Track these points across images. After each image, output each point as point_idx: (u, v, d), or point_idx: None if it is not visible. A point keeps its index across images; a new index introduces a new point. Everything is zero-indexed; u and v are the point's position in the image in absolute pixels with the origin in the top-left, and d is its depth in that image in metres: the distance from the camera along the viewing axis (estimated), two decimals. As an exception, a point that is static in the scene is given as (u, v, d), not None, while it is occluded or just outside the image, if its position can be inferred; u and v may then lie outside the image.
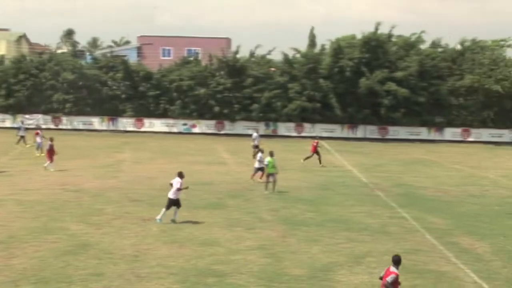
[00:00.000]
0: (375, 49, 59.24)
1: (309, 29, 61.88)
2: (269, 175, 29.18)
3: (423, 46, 62.06)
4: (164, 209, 22.56)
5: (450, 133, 59.57)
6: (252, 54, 62.28)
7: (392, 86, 57.13)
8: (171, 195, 22.57)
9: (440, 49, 62.57)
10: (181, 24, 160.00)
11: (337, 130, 59.27)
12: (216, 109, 58.49)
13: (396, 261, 14.15)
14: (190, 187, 24.36)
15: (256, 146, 40.98)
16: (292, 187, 30.73)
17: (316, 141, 40.54)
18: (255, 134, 43.94)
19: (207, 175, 33.76)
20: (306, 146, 49.08)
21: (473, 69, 59.68)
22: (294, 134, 58.94)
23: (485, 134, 59.49)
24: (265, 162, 29.70)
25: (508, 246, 20.77)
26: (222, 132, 59.15)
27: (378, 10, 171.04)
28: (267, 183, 29.22)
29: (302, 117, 58.99)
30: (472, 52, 61.63)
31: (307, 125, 59.26)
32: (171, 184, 22.68)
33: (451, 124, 59.74)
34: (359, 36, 60.66)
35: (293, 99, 58.63)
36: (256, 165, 31.74)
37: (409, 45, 61.22)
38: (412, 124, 59.19)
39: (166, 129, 59.31)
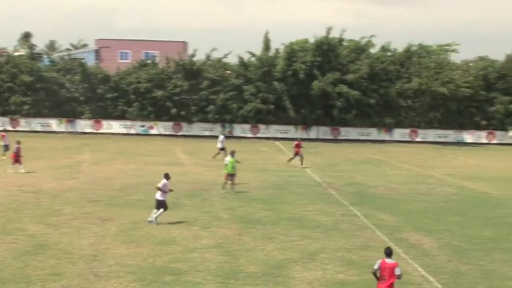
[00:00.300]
0: (327, 53, 59.79)
1: (264, 33, 62.00)
2: (228, 175, 29.15)
3: (373, 50, 62.88)
4: (154, 210, 22.41)
5: (399, 133, 60.50)
6: (208, 57, 62.22)
7: (343, 88, 57.78)
8: (158, 196, 22.40)
9: (389, 53, 63.51)
10: (139, 27, 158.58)
11: (291, 131, 59.59)
12: (173, 111, 58.23)
13: (389, 253, 13.87)
14: (147, 187, 24.22)
15: (222, 149, 40.94)
16: (248, 186, 30.79)
17: (297, 142, 40.59)
18: (221, 136, 43.78)
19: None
20: (261, 146, 49.34)
21: (420, 72, 60.73)
22: (250, 135, 59.13)
23: (432, 134, 60.65)
24: (225, 162, 29.66)
25: (453, 241, 21.17)
26: (179, 133, 58.93)
27: (330, 14, 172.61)
28: (225, 183, 29.21)
29: (257, 118, 59.17)
30: (419, 56, 62.74)
31: (262, 126, 59.50)
32: (159, 188, 22.46)
33: (399, 125, 60.66)
34: (311, 40, 61.20)
35: (248, 101, 58.78)
36: None
37: (360, 49, 61.95)
38: (363, 125, 59.96)
39: (124, 130, 58.81)
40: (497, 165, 44.43)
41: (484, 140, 61.29)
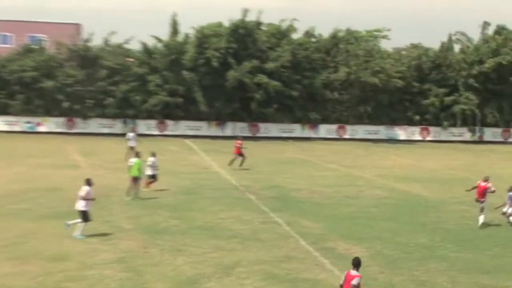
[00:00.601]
0: (244, 38, 60.00)
1: (171, 15, 61.54)
2: (133, 178, 28.83)
3: (295, 35, 63.49)
4: (79, 222, 21.96)
5: (325, 130, 61.50)
6: (106, 43, 61.39)
7: (263, 78, 58.09)
8: (79, 206, 21.92)
9: (313, 39, 64.31)
10: (23, 5, 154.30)
11: (203, 128, 59.64)
12: (66, 104, 57.15)
13: (356, 264, 14.34)
14: (35, 194, 23.67)
15: (132, 148, 40.47)
16: (154, 191, 30.57)
17: (239, 141, 40.54)
18: (130, 134, 43.17)
19: (55, 180, 32.89)
20: (169, 145, 49.06)
21: (348, 61, 61.89)
22: (156, 132, 58.74)
23: (361, 131, 61.99)
24: (130, 163, 29.32)
25: (385, 250, 21.66)
26: (73, 131, 57.93)
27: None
28: (130, 188, 28.90)
29: (164, 113, 58.84)
30: (346, 43, 63.85)
31: (170, 123, 59.24)
32: (82, 197, 21.97)
33: (325, 120, 61.63)
34: (226, 23, 61.22)
35: (154, 93, 58.39)
36: (149, 171, 31.21)
37: (281, 34, 62.43)
38: (284, 120, 60.57)
39: (6, 128, 57.29)
40: (432, 165, 45.83)
41: (417, 137, 63.17)
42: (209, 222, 24.91)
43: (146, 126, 58.83)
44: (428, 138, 63.05)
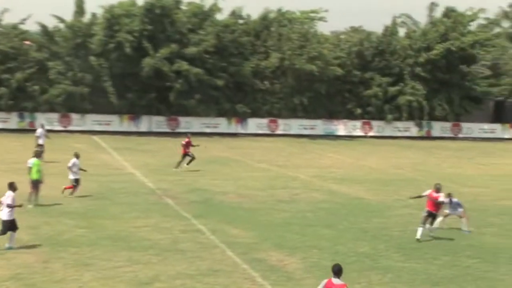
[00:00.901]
0: (161, 19, 59.69)
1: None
2: (33, 182, 28.29)
3: (220, 16, 63.59)
4: (9, 233, 21.56)
5: (255, 124, 61.66)
6: (-2, 23, 60.21)
7: (183, 65, 57.88)
8: (3, 216, 21.39)
9: (241, 21, 64.32)
10: None
11: (115, 123, 59.12)
12: None
13: (338, 271, 14.59)
14: None
15: (41, 145, 39.77)
16: (56, 196, 30.09)
17: (186, 139, 40.27)
18: (39, 130, 42.42)
19: None
20: (74, 143, 48.39)
21: (281, 45, 62.11)
22: (59, 127, 57.79)
23: (295, 125, 62.38)
24: (28, 164, 28.77)
25: (323, 261, 21.80)
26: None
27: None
28: (30, 194, 28.37)
29: (68, 105, 58.00)
30: (278, 25, 64.08)
31: (75, 116, 58.51)
32: (8, 205, 21.46)
33: (255, 113, 61.75)
34: (140, 2, 60.83)
35: (55, 83, 57.49)
36: (70, 175, 30.75)
37: (203, 15, 62.32)
38: (209, 114, 60.41)
39: None
40: (375, 163, 46.47)
41: (359, 132, 64.07)
42: (121, 231, 24.67)
43: (47, 120, 57.30)
44: (371, 134, 63.98)
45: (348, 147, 55.76)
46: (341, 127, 63.91)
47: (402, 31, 68.88)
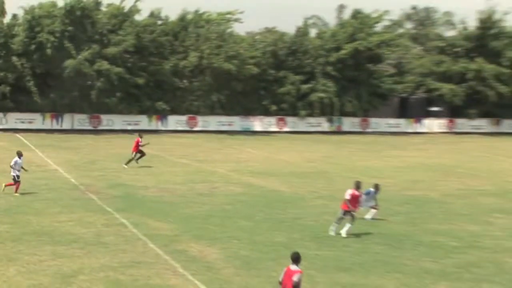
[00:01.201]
0: (81, 20, 58.97)
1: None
2: None
3: (139, 17, 63.16)
4: None
5: (174, 121, 61.50)
6: None
7: (104, 65, 57.41)
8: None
9: (160, 22, 64.05)
10: None
11: (37, 121, 58.19)
12: None
13: (296, 259, 14.79)
14: None
15: None
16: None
17: (138, 139, 39.91)
18: None
19: None
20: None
21: (199, 45, 62.09)
22: (-19, 126, 56.55)
23: (214, 122, 62.49)
24: None
25: (241, 251, 21.89)
26: None
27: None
28: None
29: (-9, 104, 56.96)
30: (196, 26, 64.01)
31: (-3, 114, 57.32)
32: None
33: (175, 111, 61.63)
34: (61, 3, 59.94)
35: (-24, 82, 56.27)
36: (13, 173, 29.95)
37: (123, 15, 61.87)
38: (130, 111, 60.00)
39: None
40: (289, 157, 46.81)
41: (274, 128, 64.46)
42: (45, 227, 24.23)
43: (-32, 119, 56.49)
44: (285, 129, 64.45)
45: (264, 142, 56.00)
46: (257, 123, 64.20)
47: (313, 32, 69.56)
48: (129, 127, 59.72)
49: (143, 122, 60.80)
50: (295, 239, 23.66)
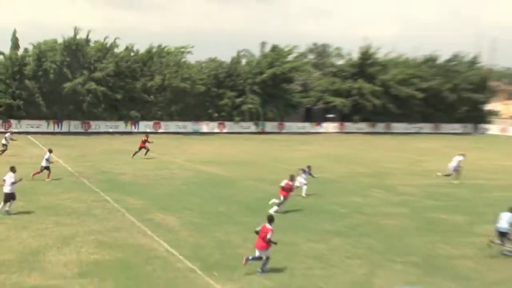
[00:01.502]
0: (75, 53, 58.11)
1: (12, 32, 58.19)
2: None
3: (118, 50, 62.34)
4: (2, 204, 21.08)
5: (144, 125, 60.84)
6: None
7: (92, 85, 56.89)
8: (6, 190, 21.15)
9: (132, 53, 63.46)
10: None
11: (43, 126, 56.99)
12: None
13: (270, 220, 15.79)
14: None
15: (5, 145, 37.84)
16: None
17: (145, 137, 39.88)
18: (7, 134, 40.22)
19: None
20: (14, 141, 46.10)
21: (162, 70, 61.72)
22: (1, 130, 54.89)
23: (173, 126, 62.07)
24: None
25: (194, 219, 21.91)
26: None
27: (78, 17, 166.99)
28: None
29: (9, 114, 55.65)
30: (159, 56, 63.65)
31: (13, 121, 55.85)
32: (4, 180, 21.31)
33: (144, 118, 61.06)
34: (60, 40, 58.88)
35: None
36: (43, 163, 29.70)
37: (106, 49, 61.12)
38: (111, 118, 59.28)
39: None
40: (228, 151, 46.91)
41: (216, 130, 64.29)
42: (51, 203, 23.85)
43: (-6, 125, 54.91)
44: (224, 131, 64.36)
45: (209, 141, 55.88)
46: (204, 127, 63.95)
47: (244, 61, 69.58)
48: (111, 130, 59.08)
49: (121, 126, 60.00)
50: (233, 210, 23.79)
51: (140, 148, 39.54)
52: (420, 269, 16.61)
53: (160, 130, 60.99)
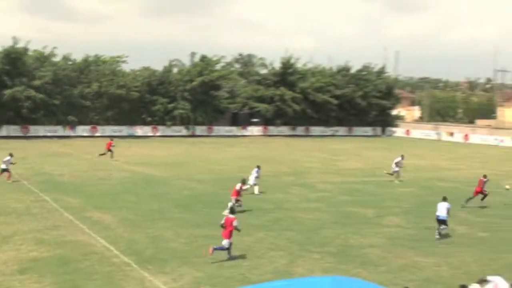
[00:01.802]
0: (15, 61, 56.05)
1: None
2: None
3: (56, 59, 60.62)
4: None
5: (81, 129, 59.39)
6: None
7: (31, 92, 55.07)
8: None
9: (70, 62, 61.97)
10: None
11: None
12: None
13: (232, 211, 16.78)
14: None
15: None
16: None
17: (111, 141, 39.88)
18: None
19: None
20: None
21: (99, 78, 60.46)
22: None
23: (109, 129, 60.71)
24: None
25: (129, 216, 21.60)
26: None
27: (16, 27, 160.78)
28: None
29: None
30: (96, 65, 62.38)
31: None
32: None
33: (82, 122, 59.63)
34: (0, 48, 56.50)
35: None
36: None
37: (44, 58, 59.49)
38: (50, 123, 57.57)
39: None
40: (161, 153, 46.39)
41: (150, 133, 63.39)
42: (-10, 204, 22.85)
43: None
44: (158, 134, 63.54)
45: (144, 143, 55.05)
46: (139, 130, 62.91)
47: (175, 70, 68.97)
48: (49, 134, 57.01)
49: (59, 130, 58.14)
50: (165, 207, 23.62)
51: (108, 151, 39.33)
52: (335, 258, 17.02)
53: (96, 134, 59.55)
